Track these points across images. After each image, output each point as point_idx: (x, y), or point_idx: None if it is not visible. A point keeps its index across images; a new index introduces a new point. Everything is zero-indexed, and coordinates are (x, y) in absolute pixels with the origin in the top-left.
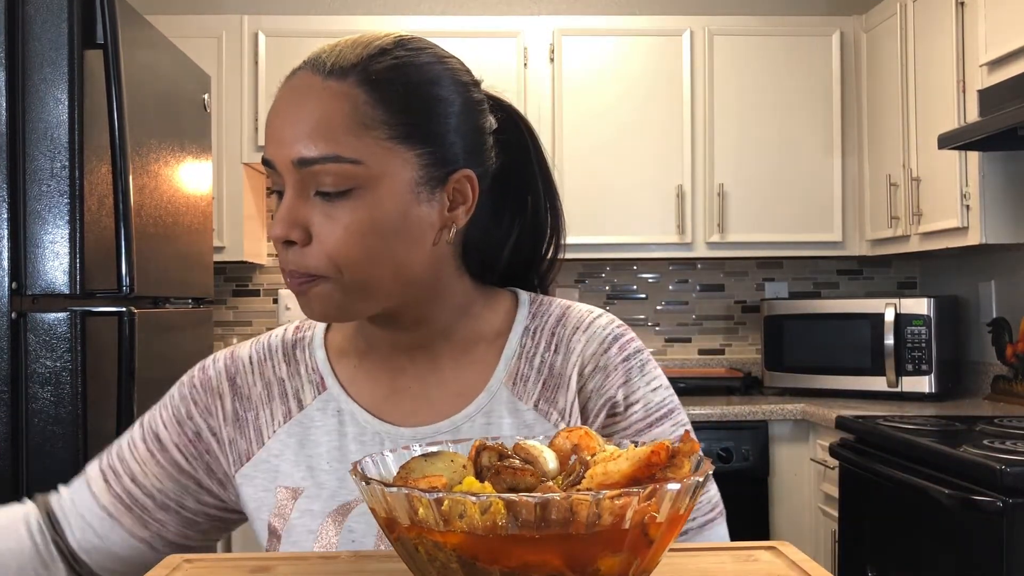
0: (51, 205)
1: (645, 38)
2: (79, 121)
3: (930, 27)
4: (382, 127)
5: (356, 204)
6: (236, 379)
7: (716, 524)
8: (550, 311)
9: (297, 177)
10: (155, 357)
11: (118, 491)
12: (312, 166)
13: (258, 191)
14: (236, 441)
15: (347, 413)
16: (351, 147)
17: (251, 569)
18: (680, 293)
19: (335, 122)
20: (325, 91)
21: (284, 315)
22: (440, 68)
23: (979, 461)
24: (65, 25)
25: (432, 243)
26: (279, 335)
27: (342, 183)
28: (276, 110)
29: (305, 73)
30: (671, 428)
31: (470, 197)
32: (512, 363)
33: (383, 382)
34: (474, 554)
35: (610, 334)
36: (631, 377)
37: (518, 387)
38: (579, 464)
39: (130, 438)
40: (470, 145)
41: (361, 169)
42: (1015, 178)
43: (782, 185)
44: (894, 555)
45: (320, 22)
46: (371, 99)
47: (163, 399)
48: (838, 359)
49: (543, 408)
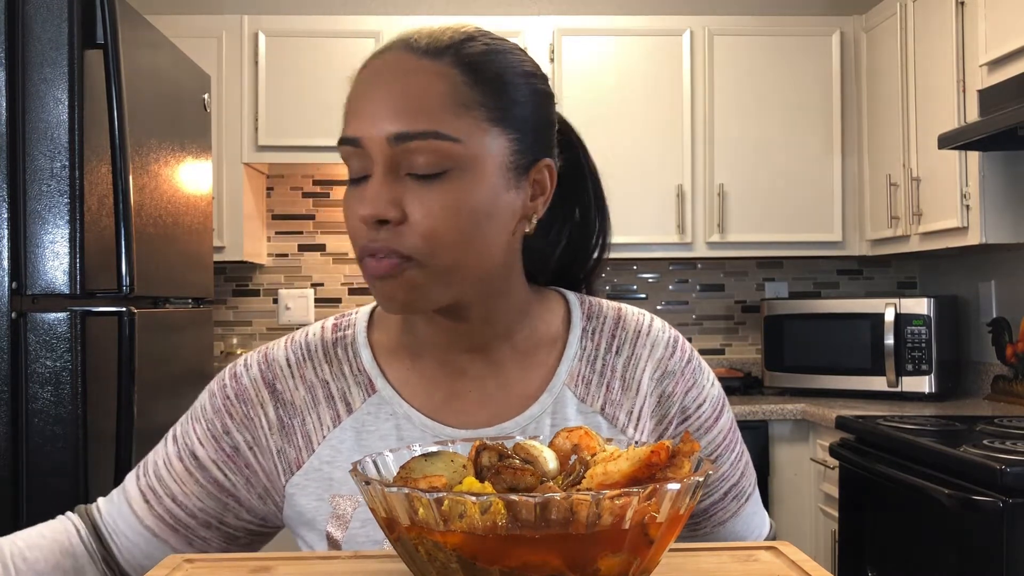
0: (51, 205)
1: (645, 38)
2: (79, 121)
3: (930, 27)
4: (479, 108)
5: (451, 185)
6: (276, 385)
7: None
8: (604, 312)
9: (389, 154)
10: (155, 357)
11: (160, 512)
12: (409, 142)
13: (258, 191)
14: (284, 450)
15: (403, 417)
16: (451, 125)
17: (251, 569)
18: (680, 293)
19: (434, 99)
20: (422, 69)
21: (284, 315)
22: (519, 59)
23: (979, 461)
24: (65, 25)
25: (512, 232)
26: (316, 334)
27: (439, 162)
28: (368, 86)
29: (397, 53)
30: (728, 417)
31: (548, 188)
32: (573, 365)
33: (441, 385)
34: (474, 554)
35: (670, 337)
36: (697, 378)
37: (580, 389)
38: (579, 464)
39: (165, 455)
40: (547, 136)
41: (459, 148)
42: (1015, 178)
43: (782, 185)
44: (894, 555)
45: (320, 22)
46: (467, 80)
47: (193, 410)
48: (838, 359)
49: (609, 412)
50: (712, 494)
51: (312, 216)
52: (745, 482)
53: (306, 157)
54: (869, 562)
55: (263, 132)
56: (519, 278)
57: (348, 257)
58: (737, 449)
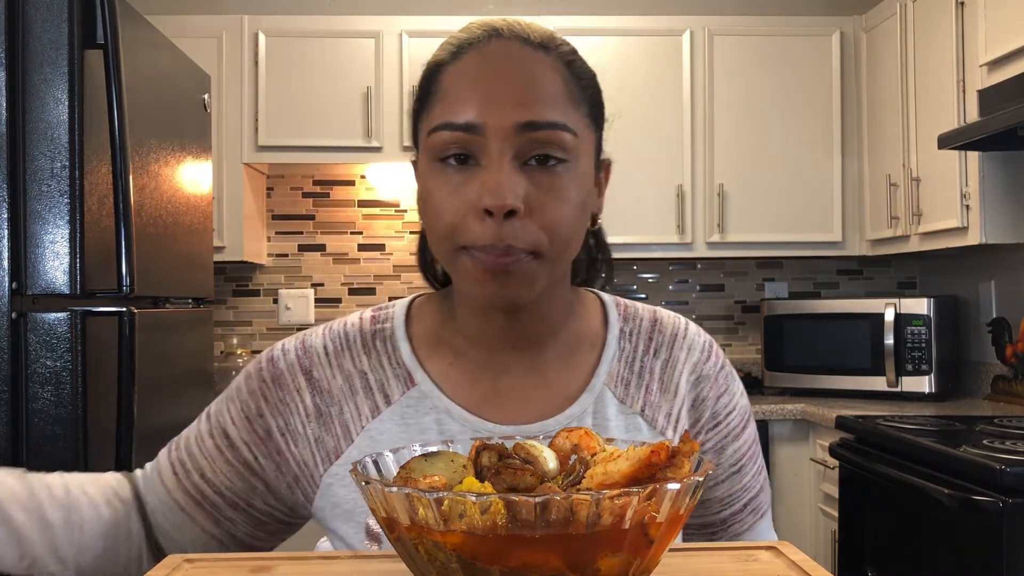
0: (51, 205)
1: (645, 38)
2: (79, 121)
3: (930, 27)
4: (583, 104)
5: (566, 177)
6: (313, 372)
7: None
8: (639, 314)
9: (512, 144)
10: (155, 357)
11: (188, 486)
12: (538, 131)
13: (258, 191)
14: (322, 439)
15: (444, 411)
16: (570, 117)
17: (251, 569)
18: (680, 293)
19: (557, 91)
20: (539, 61)
21: (284, 315)
22: None
23: (979, 461)
24: (65, 25)
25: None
26: (355, 324)
27: (564, 153)
28: (486, 72)
29: (509, 41)
30: (753, 427)
31: (604, 185)
32: (612, 365)
33: (482, 381)
34: (474, 554)
35: (706, 341)
36: (729, 385)
37: (619, 389)
38: (579, 464)
39: (197, 432)
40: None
41: (576, 142)
42: (1015, 178)
43: (782, 185)
44: (894, 555)
45: (320, 22)
46: (571, 76)
47: (229, 390)
48: (838, 359)
49: (649, 414)
50: (732, 504)
51: (312, 216)
52: (763, 497)
53: (306, 157)
54: (869, 562)
55: (263, 132)
56: (568, 275)
57: (348, 257)
58: (759, 462)
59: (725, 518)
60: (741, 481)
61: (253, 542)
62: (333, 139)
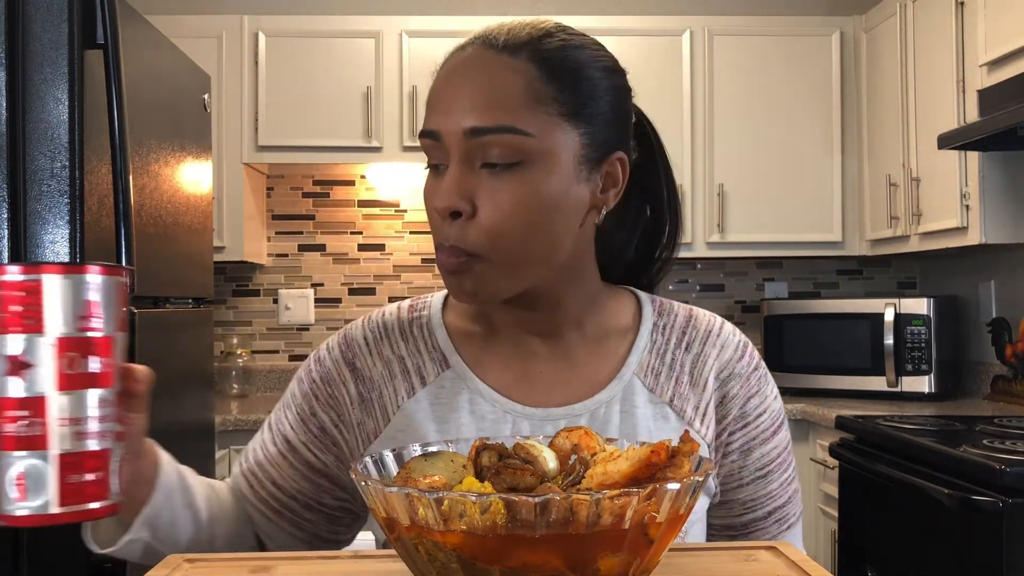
0: (51, 205)
1: (645, 38)
2: (79, 121)
3: (930, 27)
4: (553, 103)
5: (522, 178)
6: (355, 363)
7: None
8: (675, 311)
9: (465, 148)
10: (155, 357)
11: (263, 495)
12: (484, 136)
13: (258, 191)
14: (364, 422)
15: (475, 391)
16: (524, 119)
17: (251, 569)
18: (680, 293)
19: (510, 94)
20: (499, 64)
21: (284, 315)
22: (598, 53)
23: (979, 461)
24: (65, 25)
25: (581, 224)
26: (393, 313)
27: (512, 155)
28: (446, 81)
29: (477, 48)
30: (785, 434)
31: (620, 180)
32: (644, 356)
33: (513, 365)
34: (474, 554)
35: (741, 341)
36: (761, 387)
37: (649, 379)
38: (579, 464)
39: (262, 441)
40: (622, 130)
41: (532, 142)
42: (1015, 178)
43: (782, 185)
44: (894, 555)
45: (320, 22)
46: (543, 75)
47: (284, 398)
48: (838, 359)
49: (677, 404)
50: (755, 510)
51: (312, 216)
52: (791, 509)
53: (306, 157)
54: (869, 562)
55: (263, 132)
56: (591, 268)
57: (348, 257)
58: (789, 472)
59: (747, 522)
60: (767, 487)
61: (336, 538)
62: (333, 139)
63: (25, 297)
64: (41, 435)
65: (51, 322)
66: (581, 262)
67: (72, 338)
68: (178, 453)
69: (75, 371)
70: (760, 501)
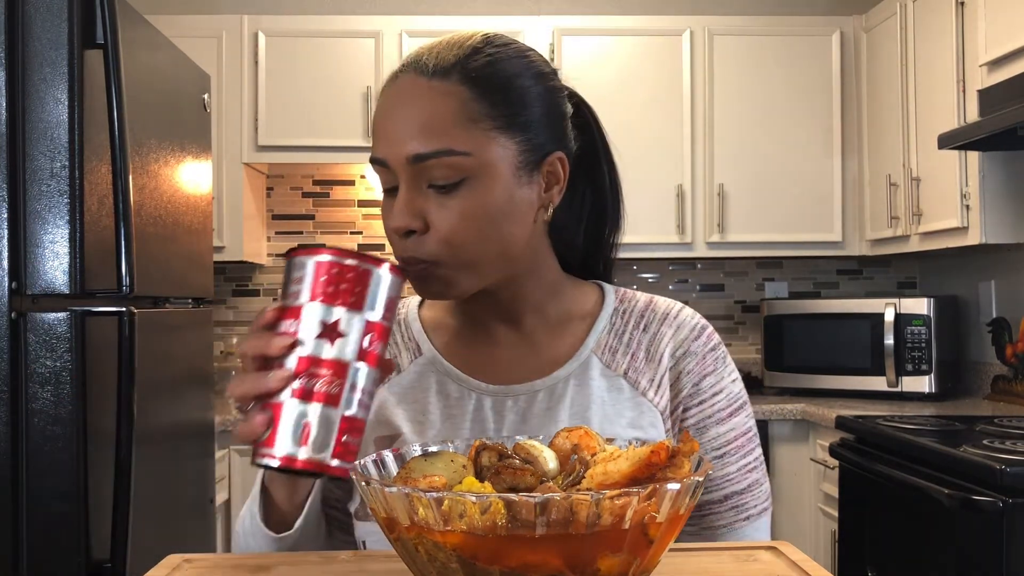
0: (51, 205)
1: (645, 38)
2: (79, 121)
3: (930, 27)
4: (485, 119)
5: (467, 192)
6: None
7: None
8: (636, 298)
9: (411, 172)
10: (155, 357)
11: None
12: (426, 160)
13: (258, 191)
14: None
15: (444, 373)
16: (461, 140)
17: (251, 569)
18: (680, 293)
19: (445, 119)
20: (431, 91)
21: None
22: (526, 62)
23: (979, 461)
24: (65, 25)
25: (532, 222)
26: None
27: (454, 174)
28: (385, 112)
29: (409, 76)
30: (745, 419)
31: (562, 177)
32: (602, 336)
33: (479, 349)
34: (474, 554)
35: (698, 323)
36: (717, 367)
37: (606, 356)
38: (579, 464)
39: None
40: (557, 130)
41: (471, 160)
42: (1015, 178)
43: (782, 185)
44: (894, 555)
45: (320, 22)
46: (473, 95)
47: None
48: (838, 359)
49: (632, 377)
50: (710, 491)
51: (312, 216)
52: (750, 500)
53: (306, 157)
54: (869, 562)
55: (263, 132)
56: (547, 259)
57: None
58: (749, 459)
59: (700, 504)
60: (723, 469)
61: None
62: (333, 139)
63: (355, 280)
64: (337, 394)
65: (368, 305)
66: (537, 254)
67: (376, 323)
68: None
69: (370, 348)
70: (716, 483)
